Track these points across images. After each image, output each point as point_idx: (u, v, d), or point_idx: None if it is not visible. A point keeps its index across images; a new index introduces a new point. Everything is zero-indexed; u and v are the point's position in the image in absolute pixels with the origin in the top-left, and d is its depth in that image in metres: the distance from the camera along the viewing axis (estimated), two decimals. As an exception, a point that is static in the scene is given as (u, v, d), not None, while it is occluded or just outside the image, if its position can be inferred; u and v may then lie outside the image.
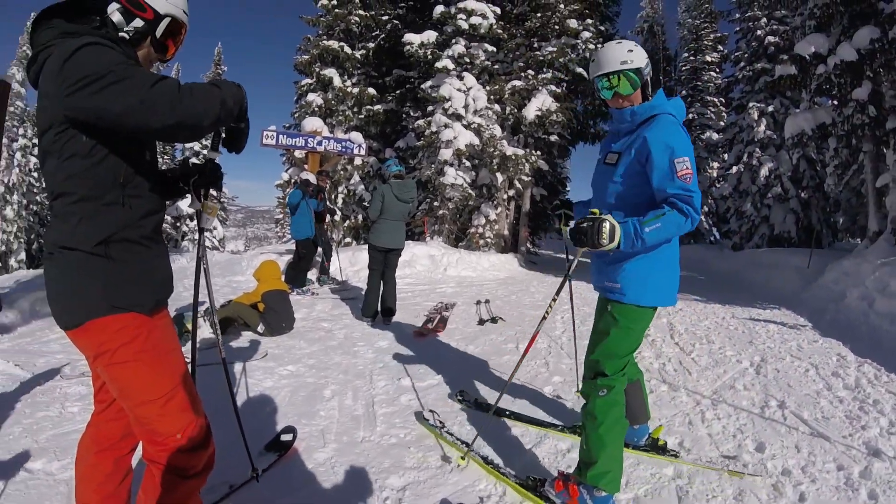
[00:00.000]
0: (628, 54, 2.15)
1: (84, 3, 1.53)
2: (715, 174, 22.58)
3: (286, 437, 2.83)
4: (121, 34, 1.55)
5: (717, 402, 3.64)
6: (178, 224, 24.40)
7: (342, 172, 15.02)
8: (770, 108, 16.60)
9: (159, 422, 1.58)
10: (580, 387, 3.29)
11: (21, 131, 24.68)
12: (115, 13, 1.54)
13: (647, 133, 2.12)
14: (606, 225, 1.99)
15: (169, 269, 1.72)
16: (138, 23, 1.57)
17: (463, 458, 2.61)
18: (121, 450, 1.78)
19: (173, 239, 24.24)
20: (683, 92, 23.61)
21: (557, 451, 2.84)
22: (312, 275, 8.95)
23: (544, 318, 2.46)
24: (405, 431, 3.03)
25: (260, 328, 5.19)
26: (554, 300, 2.46)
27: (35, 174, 24.76)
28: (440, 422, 3.10)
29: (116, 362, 1.52)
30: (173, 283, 1.76)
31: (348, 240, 15.39)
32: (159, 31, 1.62)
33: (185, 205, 23.92)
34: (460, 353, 4.91)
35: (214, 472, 2.03)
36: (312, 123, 12.70)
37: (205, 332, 5.15)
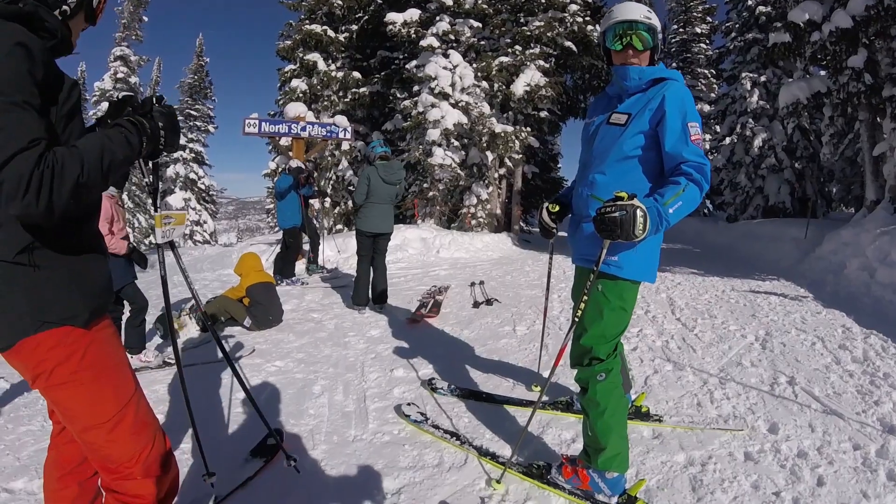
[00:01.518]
0: (648, 12, 2.05)
1: None
2: (707, 146, 22.39)
3: (272, 441, 2.66)
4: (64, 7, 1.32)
5: (724, 380, 3.49)
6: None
7: (330, 158, 14.72)
8: (763, 79, 16.37)
9: (110, 448, 1.40)
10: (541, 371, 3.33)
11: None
12: None
13: (666, 90, 1.99)
14: (640, 214, 1.76)
15: (106, 273, 1.47)
16: None
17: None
18: (83, 473, 1.59)
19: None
20: (674, 64, 23.32)
21: (562, 441, 2.68)
22: (301, 264, 8.73)
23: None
24: (398, 428, 2.86)
25: (247, 322, 5.00)
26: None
27: None
28: (421, 414, 2.94)
29: (54, 384, 1.32)
30: (113, 290, 1.53)
31: (339, 226, 15.14)
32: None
33: (173, 201, 23.58)
34: (455, 338, 4.73)
35: (200, 486, 1.86)
36: (295, 109, 12.36)
37: (191, 330, 4.97)
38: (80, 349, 1.33)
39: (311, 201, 9.83)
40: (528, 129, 14.04)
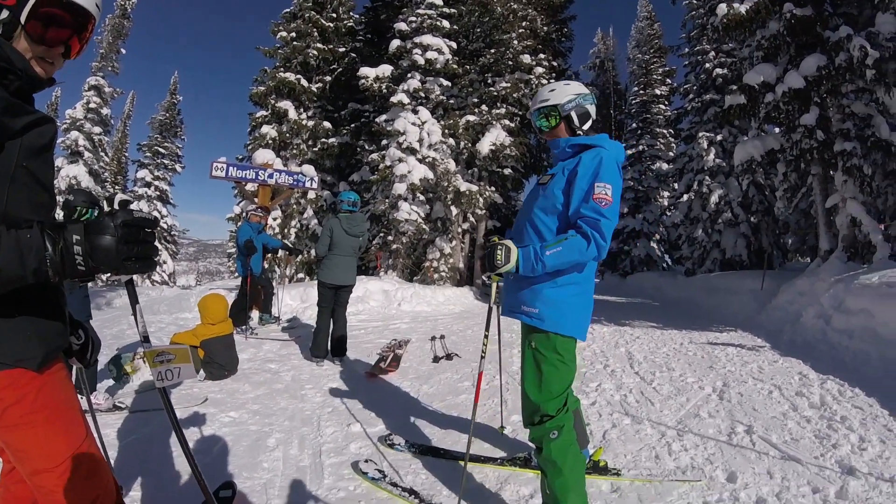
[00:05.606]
0: (549, 94, 2.35)
1: None
2: (666, 203, 23.25)
3: (225, 494, 2.54)
4: None
5: (682, 432, 3.51)
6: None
7: (295, 206, 14.70)
8: (719, 137, 17.24)
9: (60, 493, 1.33)
10: (502, 423, 3.35)
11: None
12: None
13: (583, 155, 2.19)
14: (501, 247, 2.06)
15: (62, 316, 1.42)
16: (3, 13, 1.23)
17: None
18: None
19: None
20: (634, 124, 24.45)
21: (520, 498, 2.62)
22: (255, 314, 8.52)
23: (482, 357, 2.34)
24: (354, 484, 2.75)
25: (200, 376, 4.81)
26: (486, 336, 2.39)
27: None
28: (379, 471, 2.86)
29: (4, 425, 1.26)
30: (68, 332, 1.47)
31: (301, 275, 14.96)
32: (23, 16, 1.24)
33: None
34: (414, 394, 4.65)
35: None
36: (264, 156, 12.44)
37: (144, 374, 4.76)
38: (33, 391, 1.28)
39: (280, 252, 9.72)
40: (493, 187, 14.46)
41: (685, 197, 18.59)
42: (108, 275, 1.42)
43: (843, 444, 3.15)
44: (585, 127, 2.36)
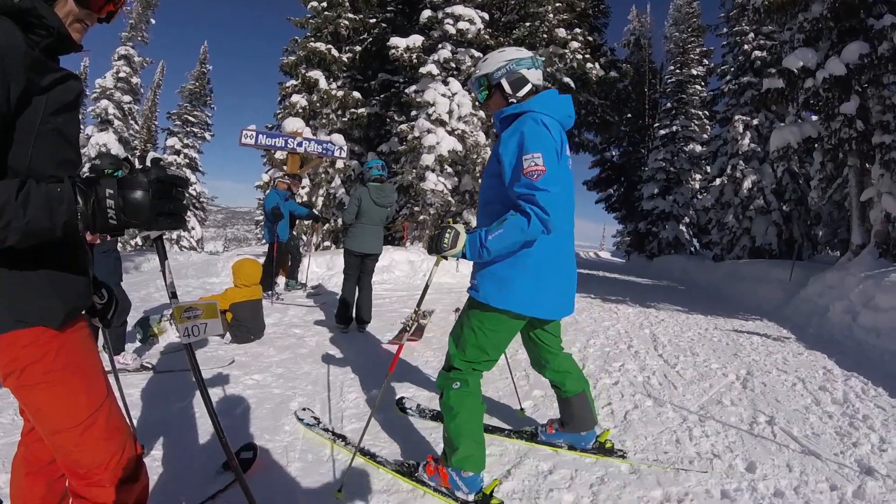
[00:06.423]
0: (481, 64, 2.32)
1: None
2: (697, 186, 22.70)
3: (246, 455, 2.60)
4: None
5: (704, 418, 3.48)
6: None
7: (323, 175, 14.77)
8: (755, 122, 16.69)
9: (79, 452, 1.35)
10: (521, 405, 3.42)
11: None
12: None
13: (503, 133, 2.18)
14: (449, 231, 2.10)
15: (86, 274, 1.43)
16: None
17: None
18: (52, 473, 1.55)
19: (151, 238, 23.64)
20: (668, 104, 23.76)
21: (539, 473, 2.64)
22: (282, 279, 8.67)
23: (405, 329, 2.49)
24: (376, 449, 2.81)
25: (227, 339, 4.93)
26: (415, 312, 2.65)
27: None
28: (314, 418, 3.03)
29: (25, 384, 1.28)
30: (91, 292, 1.48)
31: (327, 243, 15.11)
32: None
33: None
34: (435, 363, 4.68)
35: (169, 495, 1.80)
36: (293, 124, 12.45)
37: (171, 335, 4.90)
38: (53, 350, 1.29)
39: (306, 221, 9.83)
40: (522, 159, 14.18)
41: (717, 181, 18.08)
42: (137, 235, 1.41)
43: (864, 443, 3.10)
44: (521, 93, 2.26)
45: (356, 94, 15.00)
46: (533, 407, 3.60)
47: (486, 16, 13.62)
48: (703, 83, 23.90)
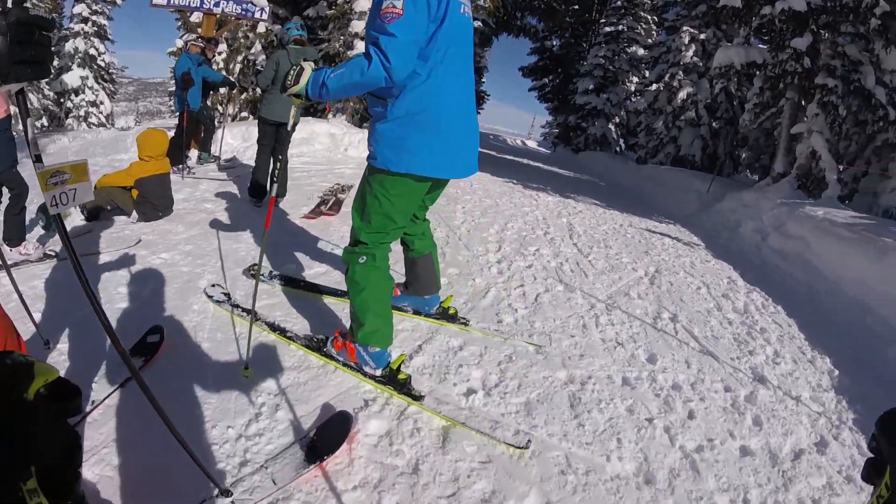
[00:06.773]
0: None
1: None
2: (633, 88, 22.78)
3: (153, 339, 2.46)
4: None
5: (611, 307, 3.67)
6: (61, 100, 21.17)
7: (242, 40, 13.38)
8: (702, 36, 16.60)
9: None
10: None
11: None
12: None
13: None
14: (294, 68, 2.03)
15: None
16: None
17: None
18: None
19: (57, 117, 21.11)
20: (619, 2, 22.96)
21: (449, 349, 2.70)
22: (194, 152, 8.03)
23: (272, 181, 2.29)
24: (287, 325, 2.74)
25: (133, 217, 4.53)
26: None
27: None
28: (224, 294, 2.98)
29: None
30: None
31: (244, 114, 14.05)
32: None
33: (69, 79, 20.80)
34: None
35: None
36: (210, -19, 10.95)
37: (75, 219, 4.45)
38: None
39: (221, 90, 8.99)
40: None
41: (654, 87, 18.18)
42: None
43: (759, 353, 3.30)
44: None
45: (282, -49, 13.32)
46: (447, 284, 3.63)
47: None
48: (656, -13, 23.14)
